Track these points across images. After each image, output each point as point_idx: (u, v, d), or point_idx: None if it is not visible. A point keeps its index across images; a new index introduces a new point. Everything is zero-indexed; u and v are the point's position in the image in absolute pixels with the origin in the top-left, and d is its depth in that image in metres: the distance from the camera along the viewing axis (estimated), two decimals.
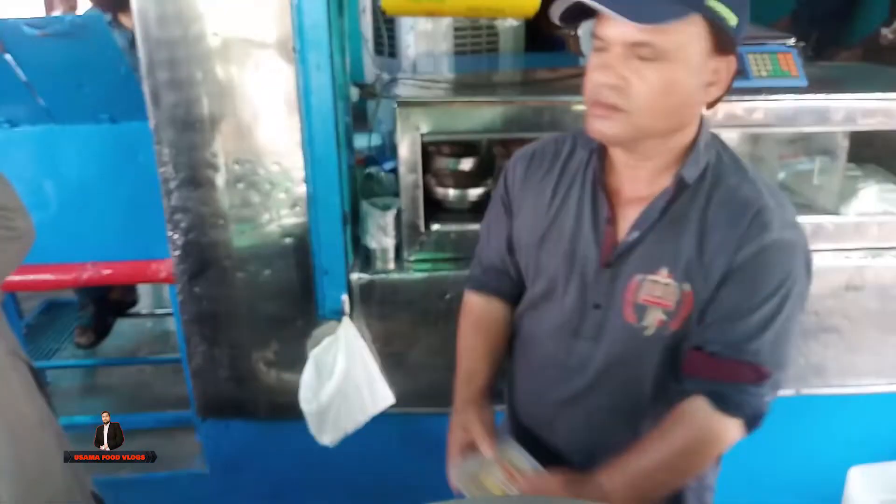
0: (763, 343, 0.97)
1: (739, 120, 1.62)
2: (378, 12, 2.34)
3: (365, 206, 1.70)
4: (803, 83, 1.65)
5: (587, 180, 1.07)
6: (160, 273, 1.71)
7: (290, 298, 1.65)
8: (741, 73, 1.64)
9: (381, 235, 1.69)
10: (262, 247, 1.59)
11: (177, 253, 1.58)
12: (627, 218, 1.03)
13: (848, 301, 1.72)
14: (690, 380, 1.01)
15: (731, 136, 1.80)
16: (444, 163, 1.79)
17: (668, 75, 0.91)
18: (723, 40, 0.92)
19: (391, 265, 1.70)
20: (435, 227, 1.69)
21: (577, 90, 1.03)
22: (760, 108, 1.60)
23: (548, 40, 2.36)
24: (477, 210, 1.70)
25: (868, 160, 1.93)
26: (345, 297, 1.63)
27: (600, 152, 1.05)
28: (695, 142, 1.00)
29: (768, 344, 0.97)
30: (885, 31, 3.11)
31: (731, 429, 0.99)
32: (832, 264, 1.70)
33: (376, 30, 2.59)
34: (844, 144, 1.71)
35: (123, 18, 2.04)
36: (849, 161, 1.76)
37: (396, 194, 1.83)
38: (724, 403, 0.98)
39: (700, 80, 0.94)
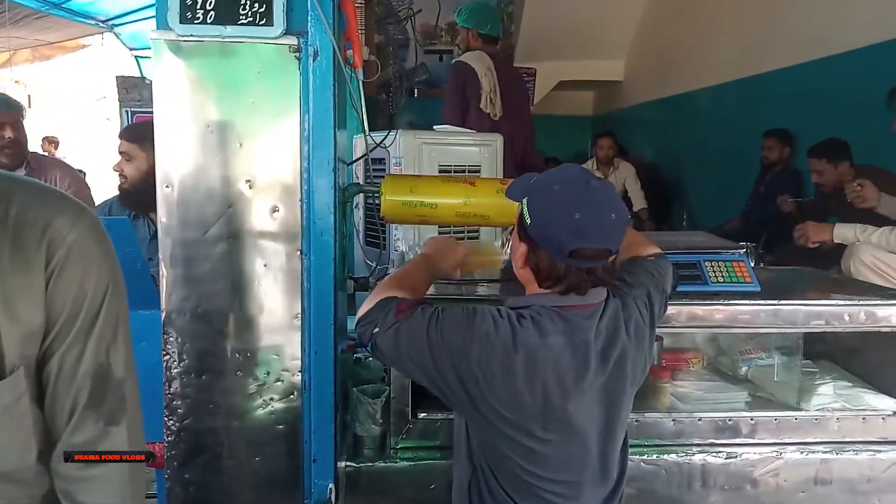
0: None
1: (701, 321, 1.78)
2: (370, 207, 2.57)
3: (355, 393, 1.77)
4: (756, 288, 1.84)
5: None
6: None
7: (277, 486, 1.66)
8: (700, 279, 1.83)
9: (370, 423, 1.75)
10: (255, 434, 1.63)
11: (170, 438, 1.61)
12: None
13: (819, 496, 1.79)
14: None
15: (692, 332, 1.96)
16: None
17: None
18: (523, 228, 1.31)
19: (378, 453, 1.74)
20: (422, 414, 1.76)
21: None
22: (719, 310, 1.77)
23: None
24: None
25: (822, 356, 2.09)
26: (331, 487, 1.65)
27: None
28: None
29: None
30: None
31: None
32: (798, 458, 1.79)
33: (368, 224, 2.82)
34: (799, 343, 1.87)
35: (152, 214, 2.28)
36: (804, 357, 1.92)
37: (382, 379, 1.91)
38: None
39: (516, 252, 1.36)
